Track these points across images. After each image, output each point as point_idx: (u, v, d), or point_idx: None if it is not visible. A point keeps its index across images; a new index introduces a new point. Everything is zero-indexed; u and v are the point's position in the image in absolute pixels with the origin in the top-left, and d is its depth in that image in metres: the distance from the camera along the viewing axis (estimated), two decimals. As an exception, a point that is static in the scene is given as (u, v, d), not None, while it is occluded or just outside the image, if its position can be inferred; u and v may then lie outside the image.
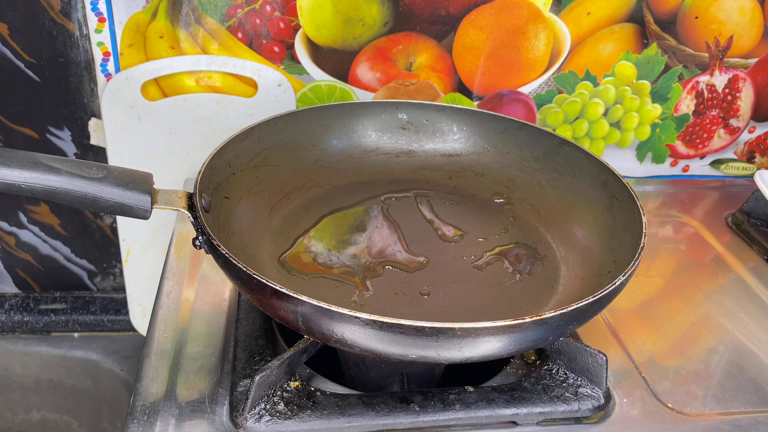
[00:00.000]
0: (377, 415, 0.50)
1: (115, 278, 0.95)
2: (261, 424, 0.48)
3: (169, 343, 0.57)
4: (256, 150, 0.63)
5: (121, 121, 0.77)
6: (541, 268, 0.61)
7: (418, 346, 0.43)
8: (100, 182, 0.47)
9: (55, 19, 0.75)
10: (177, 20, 0.74)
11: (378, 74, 0.79)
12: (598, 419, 0.52)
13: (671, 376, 0.57)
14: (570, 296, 0.56)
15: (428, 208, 0.67)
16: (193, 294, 0.63)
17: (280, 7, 0.74)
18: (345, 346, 0.45)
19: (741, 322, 0.64)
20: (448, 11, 0.76)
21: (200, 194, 0.52)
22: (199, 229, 0.50)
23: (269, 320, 0.58)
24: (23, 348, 0.94)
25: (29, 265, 0.92)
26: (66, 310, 0.94)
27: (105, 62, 0.75)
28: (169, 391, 0.52)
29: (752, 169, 0.92)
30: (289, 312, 0.45)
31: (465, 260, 0.61)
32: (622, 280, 0.47)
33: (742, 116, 0.88)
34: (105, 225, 0.90)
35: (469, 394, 0.52)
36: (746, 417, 0.54)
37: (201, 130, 0.80)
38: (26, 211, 0.87)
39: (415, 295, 0.57)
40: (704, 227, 0.80)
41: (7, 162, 0.45)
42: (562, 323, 0.45)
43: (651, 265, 0.72)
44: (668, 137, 0.88)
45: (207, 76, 0.77)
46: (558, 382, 0.53)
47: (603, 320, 0.63)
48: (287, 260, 0.59)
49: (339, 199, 0.67)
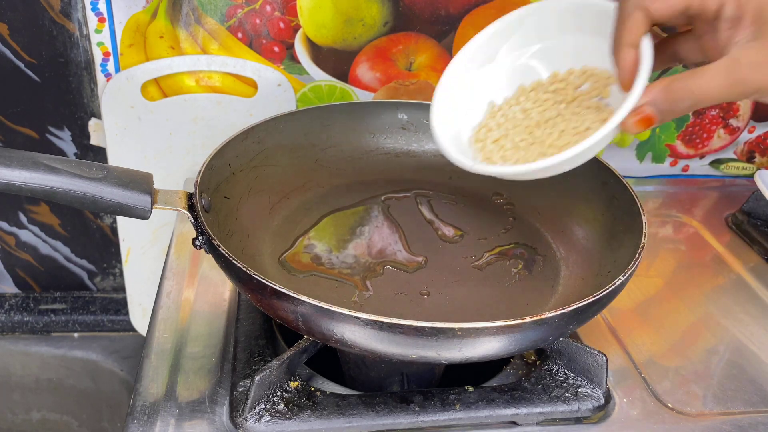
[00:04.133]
0: (377, 415, 0.50)
1: (115, 278, 0.95)
2: (261, 424, 0.48)
3: (169, 343, 0.57)
4: (256, 150, 0.63)
5: (121, 121, 0.77)
6: (541, 268, 0.61)
7: (418, 346, 0.43)
8: (100, 182, 0.47)
9: (55, 19, 0.75)
10: (177, 20, 0.74)
11: (378, 74, 0.79)
12: (598, 419, 0.52)
13: (671, 376, 0.57)
14: (570, 296, 0.56)
15: (428, 208, 0.67)
16: (193, 294, 0.63)
17: (280, 7, 0.74)
18: (345, 346, 0.45)
19: (741, 322, 0.64)
20: (448, 11, 0.76)
21: (200, 194, 0.52)
22: (199, 229, 0.50)
23: (269, 320, 0.58)
24: (23, 348, 0.94)
25: (29, 265, 0.92)
26: (66, 310, 0.94)
27: (105, 62, 0.75)
28: (169, 391, 0.52)
29: (752, 169, 0.92)
30: (289, 312, 0.45)
31: (465, 260, 0.61)
32: (622, 280, 0.47)
33: (742, 116, 0.88)
34: (105, 225, 0.90)
35: (469, 394, 0.52)
36: (746, 417, 0.54)
37: (201, 130, 0.80)
38: (26, 211, 0.87)
39: (415, 295, 0.57)
40: (704, 227, 0.80)
41: (7, 162, 0.45)
42: (562, 323, 0.45)
43: (651, 265, 0.72)
44: (668, 137, 0.88)
45: (207, 76, 0.77)
46: (558, 382, 0.53)
47: (603, 320, 0.63)
48: (287, 260, 0.59)
49: (339, 199, 0.67)
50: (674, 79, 0.43)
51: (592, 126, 0.49)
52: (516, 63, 0.55)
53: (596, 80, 0.52)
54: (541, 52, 0.55)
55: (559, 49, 0.54)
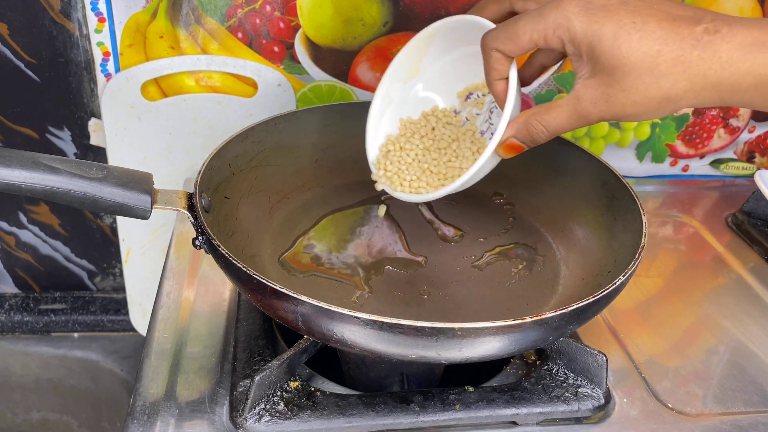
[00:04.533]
0: (377, 415, 0.50)
1: (115, 278, 0.95)
2: (261, 424, 0.48)
3: (169, 343, 0.57)
4: (256, 150, 0.63)
5: (121, 121, 0.77)
6: (541, 268, 0.61)
7: (418, 346, 0.43)
8: (100, 182, 0.47)
9: (55, 19, 0.75)
10: (177, 20, 0.74)
11: (378, 74, 0.79)
12: (598, 419, 0.52)
13: (671, 376, 0.57)
14: (570, 296, 0.56)
15: (428, 208, 0.67)
16: (193, 294, 0.63)
17: (280, 7, 0.74)
18: (345, 346, 0.45)
19: (741, 322, 0.64)
20: (448, 11, 0.76)
21: (200, 194, 0.52)
22: (199, 229, 0.50)
23: (269, 320, 0.58)
24: (23, 348, 0.94)
25: (29, 265, 0.92)
26: (66, 310, 0.94)
27: (105, 62, 0.75)
28: (169, 391, 0.52)
29: (752, 168, 0.92)
30: (289, 312, 0.45)
31: (465, 260, 0.61)
32: (622, 280, 0.47)
33: (742, 116, 0.88)
34: (105, 225, 0.90)
35: (469, 394, 0.52)
36: (746, 417, 0.54)
37: (201, 130, 0.80)
38: (26, 211, 0.87)
39: (415, 295, 0.57)
40: (704, 227, 0.80)
41: (7, 162, 0.45)
42: (562, 323, 0.45)
43: (651, 265, 0.72)
44: (668, 137, 0.88)
45: (207, 76, 0.77)
46: (558, 382, 0.53)
47: (603, 320, 0.63)
48: (287, 260, 0.59)
49: (339, 199, 0.67)
50: (531, 114, 0.50)
51: (471, 156, 0.59)
52: (434, 76, 0.62)
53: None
54: (453, 63, 0.61)
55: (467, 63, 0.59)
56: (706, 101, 0.44)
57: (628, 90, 0.44)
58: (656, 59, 0.43)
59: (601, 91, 0.45)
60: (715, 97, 0.44)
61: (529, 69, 0.55)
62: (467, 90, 0.61)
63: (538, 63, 0.55)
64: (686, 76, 0.43)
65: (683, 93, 0.44)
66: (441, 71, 0.61)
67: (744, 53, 0.42)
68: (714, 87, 0.43)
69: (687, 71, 0.43)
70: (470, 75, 0.60)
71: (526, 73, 0.56)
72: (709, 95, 0.44)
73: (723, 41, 0.42)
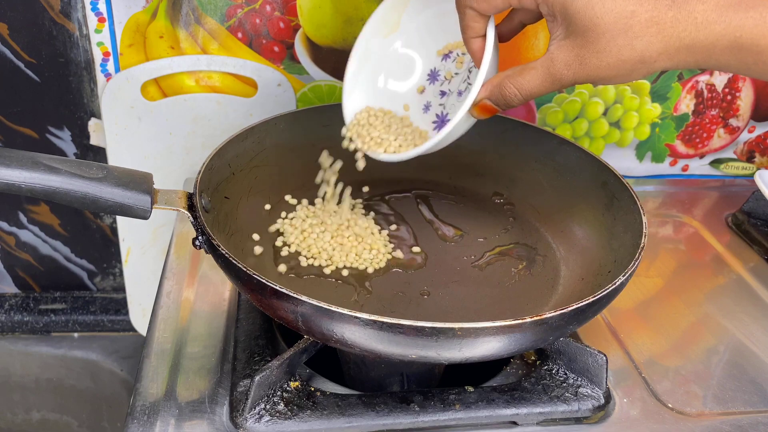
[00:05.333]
0: (377, 415, 0.50)
1: (115, 278, 0.95)
2: (261, 424, 0.48)
3: (169, 343, 0.57)
4: (256, 150, 0.63)
5: (121, 121, 0.77)
6: (541, 268, 0.61)
7: (418, 346, 0.43)
8: (100, 182, 0.47)
9: (55, 19, 0.75)
10: (177, 20, 0.74)
11: (378, 74, 0.79)
12: (598, 419, 0.52)
13: (671, 376, 0.57)
14: (570, 296, 0.56)
15: (428, 208, 0.67)
16: (193, 294, 0.63)
17: (280, 7, 0.74)
18: (345, 346, 0.45)
19: (741, 322, 0.64)
20: (448, 11, 0.76)
21: (200, 194, 0.52)
22: (199, 229, 0.50)
23: (269, 320, 0.58)
24: (23, 348, 0.94)
25: (29, 265, 0.92)
26: (66, 310, 0.94)
27: (105, 62, 0.75)
28: (169, 391, 0.52)
29: (752, 168, 0.92)
30: (289, 312, 0.45)
31: (465, 260, 0.61)
32: (622, 280, 0.47)
33: (742, 116, 0.88)
34: (105, 225, 0.90)
35: (469, 394, 0.52)
36: (746, 417, 0.54)
37: (201, 130, 0.80)
38: (26, 211, 0.87)
39: (415, 295, 0.57)
40: (704, 227, 0.80)
41: (7, 162, 0.45)
42: (562, 323, 0.45)
43: (651, 265, 0.72)
44: (668, 137, 0.88)
45: (207, 76, 0.77)
46: (558, 382, 0.53)
47: (603, 320, 0.63)
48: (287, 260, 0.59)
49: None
50: (506, 76, 0.49)
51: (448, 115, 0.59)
52: (414, 29, 0.61)
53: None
54: (433, 19, 0.60)
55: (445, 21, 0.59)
56: (680, 64, 0.44)
57: (601, 52, 0.44)
58: (630, 20, 0.42)
59: (575, 53, 0.45)
60: (690, 59, 0.43)
61: (508, 24, 0.54)
62: (447, 48, 0.61)
63: (518, 20, 0.54)
64: (660, 37, 0.42)
65: (657, 55, 0.43)
66: (420, 27, 0.61)
67: (719, 14, 0.41)
68: (688, 49, 0.42)
69: (661, 32, 0.42)
70: (450, 33, 0.60)
71: (505, 28, 0.54)
72: (683, 58, 0.43)
73: (698, 2, 0.42)
